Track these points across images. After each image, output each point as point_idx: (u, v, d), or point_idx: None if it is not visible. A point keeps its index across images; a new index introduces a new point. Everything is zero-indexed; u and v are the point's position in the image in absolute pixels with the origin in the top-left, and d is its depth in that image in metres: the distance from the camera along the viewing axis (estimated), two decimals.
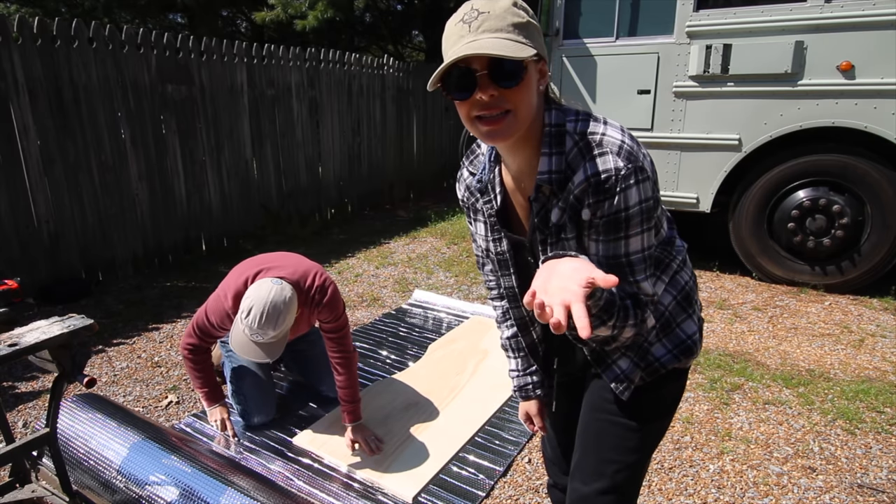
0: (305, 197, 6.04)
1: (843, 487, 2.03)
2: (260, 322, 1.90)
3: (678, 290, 1.11)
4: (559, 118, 0.97)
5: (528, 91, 0.91)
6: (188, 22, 12.41)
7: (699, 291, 1.11)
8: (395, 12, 11.48)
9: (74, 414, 2.00)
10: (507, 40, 0.87)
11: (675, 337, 1.11)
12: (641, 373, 1.10)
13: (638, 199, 0.91)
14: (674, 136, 4.16)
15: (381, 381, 2.78)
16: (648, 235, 0.96)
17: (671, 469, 2.14)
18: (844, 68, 3.57)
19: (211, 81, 4.84)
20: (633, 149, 0.93)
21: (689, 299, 1.12)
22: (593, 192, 0.93)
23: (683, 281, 1.12)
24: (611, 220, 0.93)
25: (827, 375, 2.83)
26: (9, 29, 3.52)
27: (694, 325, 1.12)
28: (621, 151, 0.91)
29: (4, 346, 1.44)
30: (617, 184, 0.91)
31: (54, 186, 3.87)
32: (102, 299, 3.93)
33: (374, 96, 6.87)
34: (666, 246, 1.10)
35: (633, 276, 0.97)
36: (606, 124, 0.96)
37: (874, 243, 3.74)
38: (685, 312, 1.12)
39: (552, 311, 0.74)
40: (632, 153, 0.92)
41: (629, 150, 0.92)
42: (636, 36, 4.19)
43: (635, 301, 0.97)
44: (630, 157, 0.91)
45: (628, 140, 0.93)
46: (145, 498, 1.66)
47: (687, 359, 1.12)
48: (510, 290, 1.18)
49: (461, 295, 4.03)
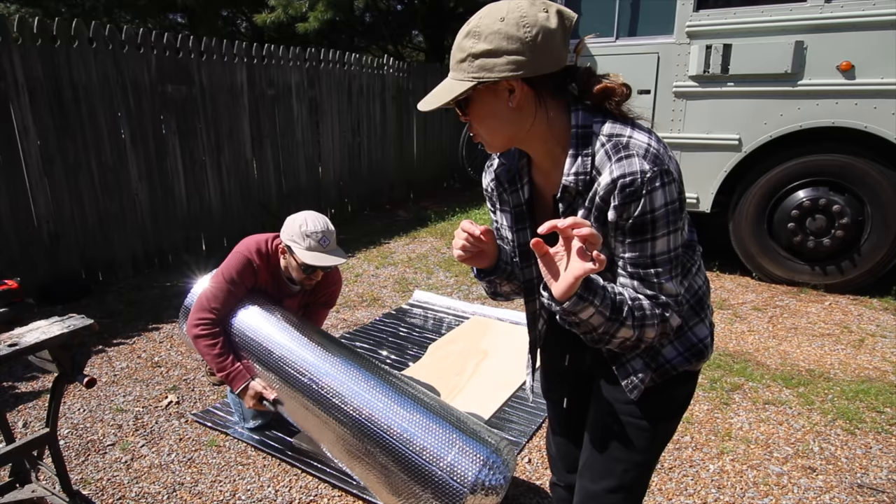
0: (305, 197, 6.04)
1: (843, 487, 2.03)
2: (320, 224, 2.04)
3: (692, 294, 1.12)
4: (587, 120, 0.98)
5: (482, 117, 1.00)
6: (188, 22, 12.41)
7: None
8: (395, 12, 11.48)
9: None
10: (454, 80, 0.98)
11: (686, 340, 1.12)
12: (652, 374, 1.11)
13: (664, 201, 0.92)
14: (674, 136, 4.15)
15: None
16: (675, 237, 0.96)
17: (671, 469, 2.14)
18: (844, 68, 3.57)
19: (211, 81, 4.84)
20: (660, 151, 0.94)
21: (701, 303, 1.13)
22: (619, 195, 0.94)
23: (697, 286, 1.13)
24: (637, 223, 0.94)
25: (827, 375, 2.83)
26: (9, 29, 3.52)
27: (706, 329, 1.13)
28: (647, 154, 0.92)
29: (4, 346, 1.44)
30: (643, 186, 0.92)
31: (54, 186, 3.87)
32: (102, 299, 3.93)
33: (374, 96, 6.87)
34: (687, 250, 1.10)
35: (658, 277, 0.98)
36: (634, 127, 0.97)
37: (874, 243, 3.74)
38: (697, 316, 1.12)
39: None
40: (658, 156, 0.93)
41: (655, 152, 0.93)
42: (636, 36, 4.19)
43: (654, 301, 0.98)
44: (656, 159, 0.92)
45: (654, 143, 0.95)
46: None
47: (698, 362, 1.13)
48: (528, 282, 1.19)
49: (461, 295, 4.03)
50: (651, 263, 0.97)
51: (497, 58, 0.93)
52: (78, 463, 2.21)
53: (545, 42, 0.93)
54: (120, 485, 2.09)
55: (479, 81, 0.94)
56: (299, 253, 2.02)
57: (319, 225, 2.04)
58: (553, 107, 0.99)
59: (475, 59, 0.95)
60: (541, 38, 0.92)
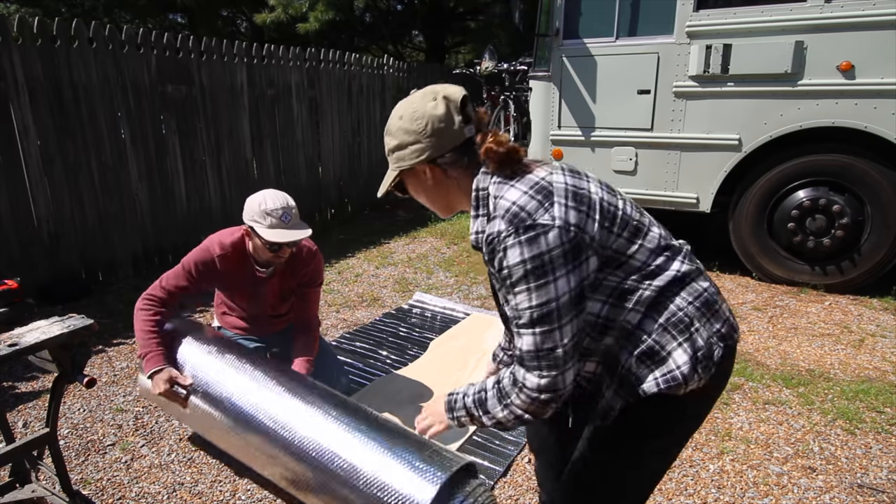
0: (305, 197, 6.04)
1: (843, 487, 2.03)
2: (280, 200, 2.04)
3: (666, 317, 1.08)
4: (480, 183, 1.12)
5: (416, 194, 1.22)
6: (188, 22, 12.41)
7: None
8: (395, 12, 11.48)
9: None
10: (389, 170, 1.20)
11: (661, 363, 1.07)
12: (623, 399, 1.11)
13: (519, 259, 1.00)
14: (674, 136, 4.15)
15: (383, 377, 2.78)
16: (540, 293, 1.00)
17: (671, 469, 2.14)
18: (844, 68, 3.57)
19: (211, 81, 4.84)
20: (525, 207, 1.02)
21: (683, 327, 1.08)
22: (486, 250, 1.08)
23: (677, 307, 1.08)
24: (502, 276, 1.05)
25: (827, 375, 2.83)
26: (9, 29, 3.52)
27: (686, 355, 1.06)
28: (506, 213, 1.03)
29: (4, 346, 1.44)
30: (499, 244, 1.03)
31: (54, 186, 3.87)
32: (102, 299, 3.93)
33: (374, 96, 6.87)
34: (641, 276, 1.08)
35: (519, 328, 1.04)
36: (513, 186, 1.06)
37: (874, 243, 3.74)
38: (675, 340, 1.07)
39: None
40: (517, 215, 1.02)
41: (517, 210, 1.02)
42: (636, 36, 4.19)
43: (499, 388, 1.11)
44: (514, 219, 1.01)
45: (523, 199, 1.03)
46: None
47: (670, 389, 1.06)
48: (502, 316, 1.26)
49: (461, 295, 4.03)
50: (516, 315, 1.04)
51: (404, 149, 1.14)
52: (78, 463, 2.21)
53: (435, 128, 1.10)
54: (120, 485, 2.09)
55: (400, 170, 1.16)
56: (262, 231, 2.02)
57: (279, 201, 2.05)
58: (461, 176, 1.15)
59: (392, 153, 1.17)
60: (430, 126, 1.11)
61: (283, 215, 2.03)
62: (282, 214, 2.03)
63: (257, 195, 2.09)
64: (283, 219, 2.03)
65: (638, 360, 1.08)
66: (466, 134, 1.13)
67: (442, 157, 1.13)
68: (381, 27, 10.96)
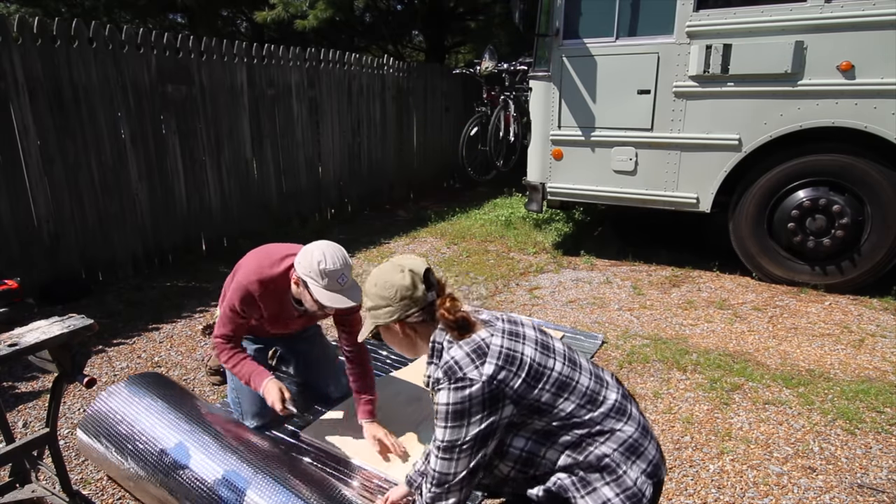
0: (305, 197, 6.04)
1: (843, 487, 2.03)
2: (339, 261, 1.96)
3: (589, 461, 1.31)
4: (440, 338, 1.38)
5: (389, 342, 1.51)
6: (188, 22, 12.40)
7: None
8: (395, 12, 11.47)
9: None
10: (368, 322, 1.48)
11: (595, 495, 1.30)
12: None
13: (445, 401, 1.28)
14: (674, 136, 4.15)
15: (381, 378, 2.78)
16: (452, 431, 1.28)
17: (671, 469, 2.14)
18: (844, 68, 3.57)
19: (211, 81, 4.84)
20: (457, 363, 1.29)
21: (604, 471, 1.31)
22: (431, 391, 1.37)
23: (602, 453, 1.31)
24: (434, 410, 1.33)
25: (827, 375, 2.83)
26: (9, 29, 3.52)
27: (612, 492, 1.29)
28: (446, 366, 1.31)
29: (4, 346, 1.44)
30: (435, 386, 1.34)
31: (54, 186, 3.87)
32: (102, 299, 3.93)
33: (374, 96, 6.87)
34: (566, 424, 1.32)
35: (433, 450, 1.34)
36: (457, 345, 1.33)
37: (874, 243, 3.74)
38: (602, 479, 1.31)
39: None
40: (451, 368, 1.29)
41: (452, 366, 1.30)
42: (636, 36, 4.19)
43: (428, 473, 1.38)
44: (449, 371, 1.29)
45: (459, 357, 1.30)
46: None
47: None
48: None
49: (461, 295, 4.03)
50: (434, 440, 1.33)
51: (379, 310, 1.42)
52: (78, 463, 2.20)
53: (402, 297, 1.38)
54: (120, 485, 2.09)
55: (376, 325, 1.45)
56: (315, 291, 1.96)
57: (338, 262, 1.95)
58: (423, 331, 1.43)
59: (369, 311, 1.45)
60: (398, 294, 1.39)
61: (340, 277, 1.95)
62: (339, 276, 1.95)
63: (316, 249, 1.97)
64: (339, 281, 1.95)
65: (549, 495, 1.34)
66: (428, 299, 1.41)
67: (409, 317, 1.40)
68: (381, 27, 10.96)
